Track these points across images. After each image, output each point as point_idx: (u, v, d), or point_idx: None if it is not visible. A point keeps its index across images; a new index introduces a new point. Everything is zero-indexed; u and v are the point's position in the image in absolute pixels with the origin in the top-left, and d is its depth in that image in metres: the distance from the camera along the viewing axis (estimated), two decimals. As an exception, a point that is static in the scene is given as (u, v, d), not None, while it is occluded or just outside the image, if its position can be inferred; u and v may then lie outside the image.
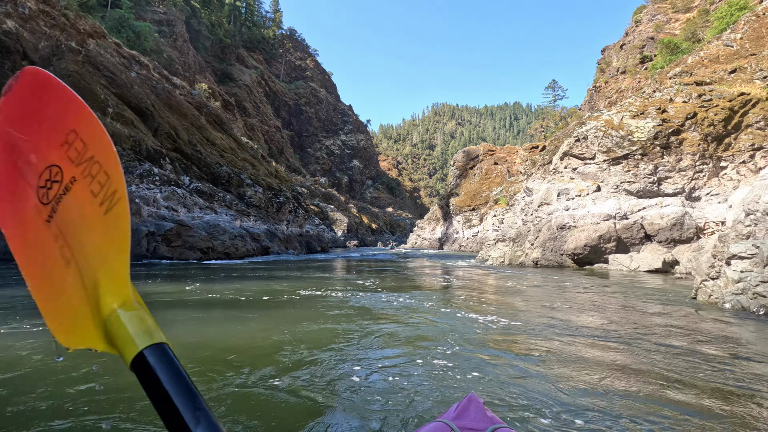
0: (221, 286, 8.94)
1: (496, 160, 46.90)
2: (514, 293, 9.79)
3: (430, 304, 7.84)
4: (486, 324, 5.84)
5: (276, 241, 26.51)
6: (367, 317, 6.27)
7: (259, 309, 6.46)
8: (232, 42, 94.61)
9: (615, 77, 62.19)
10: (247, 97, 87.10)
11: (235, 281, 9.93)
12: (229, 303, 6.92)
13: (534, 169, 21.92)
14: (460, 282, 12.41)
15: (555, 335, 5.01)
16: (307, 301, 7.72)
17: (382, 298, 8.50)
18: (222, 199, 23.80)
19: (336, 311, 6.63)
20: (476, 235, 40.16)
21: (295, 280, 11.29)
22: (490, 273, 14.51)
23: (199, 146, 26.14)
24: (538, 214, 17.20)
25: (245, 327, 4.99)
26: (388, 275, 14.51)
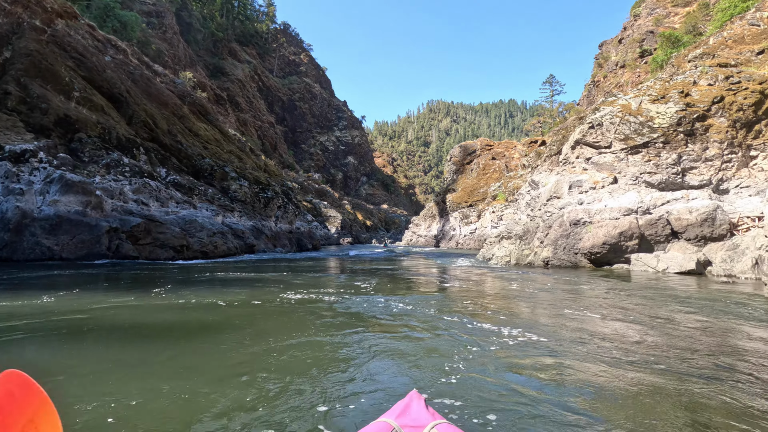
0: (176, 293, 7.08)
1: (494, 155, 45.18)
2: (526, 298, 8.14)
3: (432, 311, 6.62)
4: (500, 339, 4.69)
5: (263, 239, 24.59)
6: (360, 327, 5.23)
7: (219, 326, 4.59)
8: (225, 36, 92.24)
9: (614, 71, 60.68)
10: (239, 92, 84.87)
11: (198, 287, 8.07)
12: (178, 324, 5.05)
13: (539, 160, 20.17)
14: (462, 284, 10.64)
15: (593, 359, 3.79)
16: (288, 308, 6.43)
17: (376, 303, 7.36)
18: (203, 193, 21.84)
19: (324, 319, 5.60)
20: (474, 232, 38.43)
21: (277, 283, 9.46)
22: (496, 274, 12.73)
23: (179, 137, 24.13)
24: (548, 208, 15.41)
25: (194, 359, 3.12)
26: (383, 275, 12.74)
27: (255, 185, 26.95)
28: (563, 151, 16.79)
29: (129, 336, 4.42)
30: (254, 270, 12.70)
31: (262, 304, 6.66)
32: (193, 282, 9.11)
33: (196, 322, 5.19)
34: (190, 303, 6.33)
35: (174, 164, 22.03)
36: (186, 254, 16.03)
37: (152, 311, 5.81)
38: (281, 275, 12.02)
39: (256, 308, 6.30)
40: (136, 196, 15.83)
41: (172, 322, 5.21)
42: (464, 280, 11.72)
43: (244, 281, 9.88)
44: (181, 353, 3.78)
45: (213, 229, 18.03)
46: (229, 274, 11.39)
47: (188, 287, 8.19)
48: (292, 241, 29.99)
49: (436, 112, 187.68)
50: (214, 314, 5.66)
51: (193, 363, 3.46)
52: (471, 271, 13.75)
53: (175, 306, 6.15)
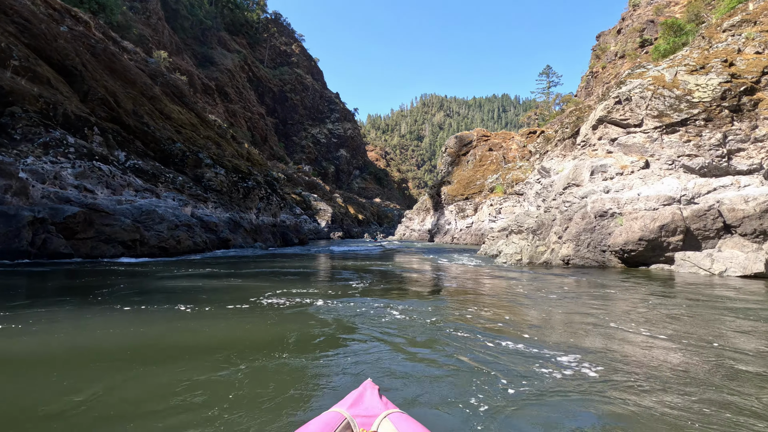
0: (90, 309, 4.49)
1: (491, 146, 42.71)
2: (552, 307, 6.23)
3: (436, 324, 4.95)
4: (534, 368, 3.05)
5: (240, 233, 21.90)
6: (345, 346, 3.71)
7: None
8: (213, 24, 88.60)
9: (613, 62, 58.40)
10: (228, 82, 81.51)
11: (133, 296, 5.45)
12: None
13: (549, 145, 17.72)
14: (469, 287, 8.29)
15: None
16: (255, 318, 4.94)
17: (367, 311, 5.66)
18: (171, 180, 19.08)
19: (298, 334, 4.16)
20: (470, 227, 35.99)
21: (244, 285, 7.23)
22: (508, 276, 10.26)
23: (146, 118, 21.28)
24: (566, 198, 12.93)
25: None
26: (375, 274, 10.81)
27: (234, 174, 24.20)
28: (582, 132, 14.31)
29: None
30: (220, 268, 10.11)
31: (214, 314, 4.89)
32: (129, 288, 6.51)
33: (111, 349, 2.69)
34: (95, 325, 3.72)
35: (137, 148, 19.22)
36: (139, 250, 13.34)
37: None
38: (253, 274, 9.48)
39: (207, 319, 4.70)
40: (78, 182, 13.10)
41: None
42: (470, 282, 9.24)
43: (199, 283, 7.30)
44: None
45: (176, 221, 15.33)
46: (188, 271, 8.77)
47: (117, 297, 5.60)
48: (276, 235, 27.33)
49: (430, 106, 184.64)
50: (154, 326, 3.10)
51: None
52: (477, 272, 11.26)
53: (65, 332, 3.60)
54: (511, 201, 33.39)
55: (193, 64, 75.81)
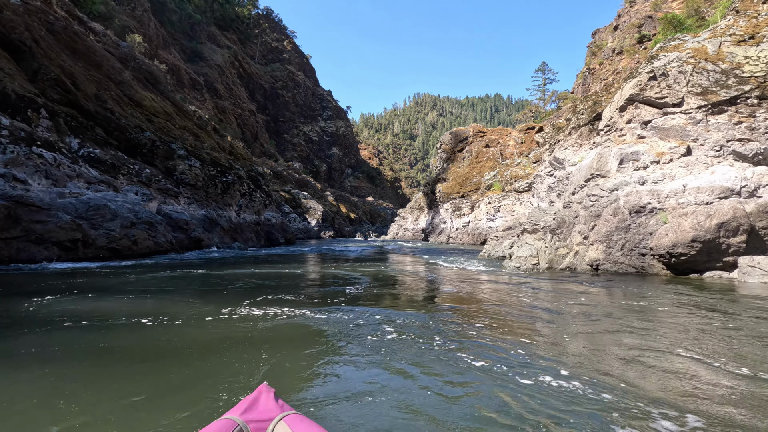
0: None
1: (488, 143, 40.66)
2: (593, 326, 4.88)
3: (454, 349, 3.65)
4: (618, 418, 2.25)
5: (217, 231, 19.52)
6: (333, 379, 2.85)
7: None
8: (203, 19, 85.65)
9: (610, 58, 56.80)
10: (218, 78, 78.70)
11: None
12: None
13: (561, 134, 15.59)
14: (483, 299, 6.11)
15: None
16: (212, 337, 3.93)
17: (357, 330, 4.27)
18: (135, 172, 16.65)
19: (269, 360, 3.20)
20: (467, 226, 33.86)
21: (205, 294, 4.86)
22: (524, 285, 8.10)
23: (111, 103, 18.80)
24: (591, 191, 10.78)
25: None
26: (367, 279, 9.10)
27: (212, 167, 21.78)
28: (605, 116, 12.18)
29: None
30: (178, 275, 7.80)
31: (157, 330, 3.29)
32: (44, 311, 4.21)
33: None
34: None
35: (97, 136, 16.76)
36: (82, 253, 10.96)
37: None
38: (216, 281, 7.25)
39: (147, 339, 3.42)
40: (5, 170, 10.70)
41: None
42: (484, 293, 7.05)
43: (124, 305, 5.00)
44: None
45: (133, 219, 12.93)
46: (128, 278, 6.45)
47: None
48: (260, 234, 24.96)
49: (423, 105, 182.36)
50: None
51: None
52: (487, 280, 9.06)
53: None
54: (510, 199, 31.33)
55: (180, 59, 72.93)
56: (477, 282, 8.94)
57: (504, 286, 8.49)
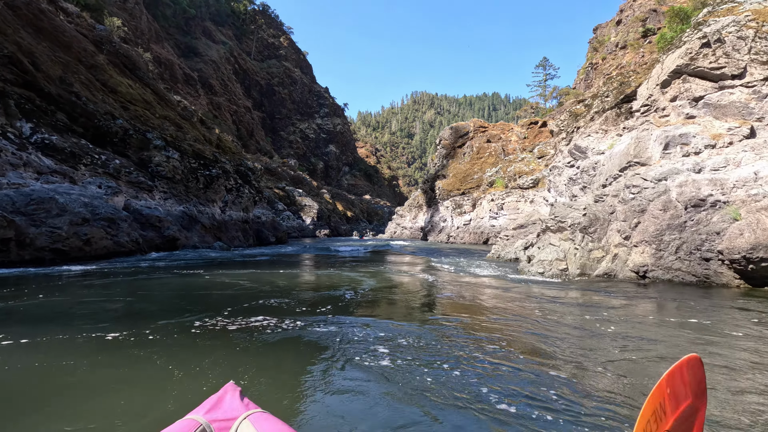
0: None
1: (489, 138, 38.74)
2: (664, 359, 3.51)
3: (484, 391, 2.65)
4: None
5: (197, 230, 17.49)
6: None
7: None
8: (198, 13, 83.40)
9: (613, 53, 54.94)
10: (213, 73, 76.49)
11: None
12: None
13: (581, 121, 13.63)
14: (501, 310, 4.14)
15: None
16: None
17: (350, 371, 3.12)
18: (101, 163, 14.62)
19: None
20: (469, 224, 31.93)
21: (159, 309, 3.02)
22: (554, 298, 6.20)
23: (78, 87, 16.74)
24: (630, 181, 8.82)
25: None
26: (362, 285, 7.77)
27: (193, 159, 19.73)
28: (642, 95, 10.26)
29: None
30: (129, 282, 5.84)
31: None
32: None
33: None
34: None
35: (57, 121, 14.71)
36: (16, 255, 8.94)
37: None
38: (165, 291, 5.28)
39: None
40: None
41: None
42: (499, 307, 5.12)
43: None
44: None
45: (86, 214, 10.90)
46: (53, 293, 4.46)
47: None
48: (248, 232, 22.95)
49: (420, 103, 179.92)
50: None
51: None
52: (503, 290, 7.11)
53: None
54: (514, 196, 29.43)
55: (174, 53, 70.74)
56: (492, 291, 7.01)
57: (526, 297, 6.56)
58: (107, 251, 11.22)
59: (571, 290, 7.29)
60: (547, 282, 8.35)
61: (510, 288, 7.53)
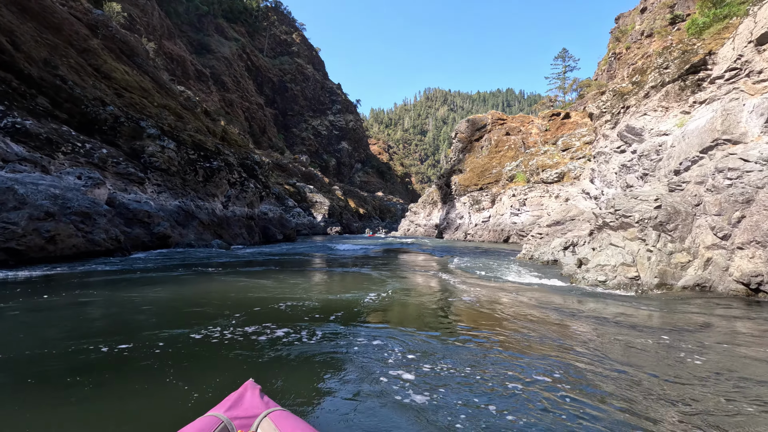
0: None
1: (508, 131, 36.41)
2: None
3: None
4: None
5: (193, 226, 15.79)
6: None
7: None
8: (210, 10, 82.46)
9: (638, 41, 52.00)
10: (225, 70, 75.39)
11: None
12: None
13: (631, 99, 11.43)
14: (552, 335, 3.18)
15: None
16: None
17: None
18: (84, 152, 12.98)
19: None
20: (488, 221, 29.75)
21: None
22: (617, 315, 4.17)
23: (64, 70, 15.15)
24: (724, 164, 6.70)
25: None
26: (367, 303, 5.43)
27: (192, 150, 18.04)
28: (724, 57, 8.11)
29: None
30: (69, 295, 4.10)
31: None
32: None
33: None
34: None
35: (38, 106, 13.11)
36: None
37: None
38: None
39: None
40: None
41: None
42: (549, 331, 3.08)
43: None
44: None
45: (52, 208, 9.20)
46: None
47: None
48: (253, 229, 21.24)
49: (433, 100, 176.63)
50: None
51: None
52: (549, 304, 5.11)
53: None
54: (537, 190, 27.17)
55: (186, 50, 69.78)
56: (540, 306, 5.03)
57: (589, 316, 4.57)
58: (77, 251, 9.51)
59: (651, 308, 5.26)
60: (613, 295, 6.32)
61: (564, 303, 5.53)
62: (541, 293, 6.46)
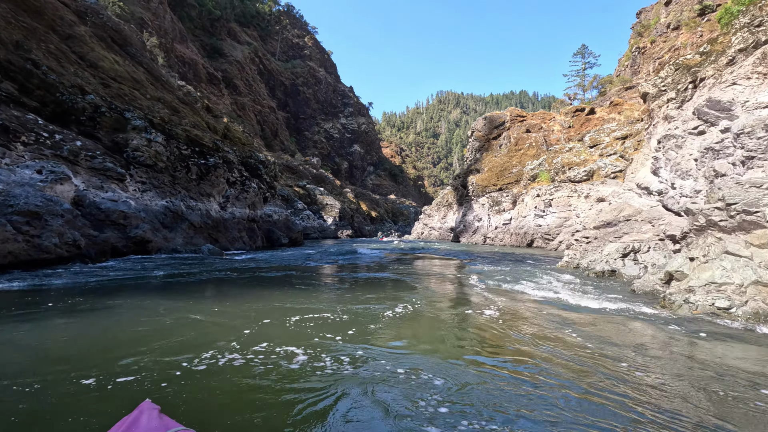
0: None
1: (528, 128, 33.85)
2: None
3: None
4: None
5: (182, 229, 13.76)
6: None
7: None
8: (223, 15, 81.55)
9: (664, 35, 48.90)
10: (238, 74, 74.25)
11: None
12: None
13: (706, 70, 9.00)
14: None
15: None
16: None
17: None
18: (51, 143, 11.08)
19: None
20: (509, 223, 27.24)
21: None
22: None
23: (38, 55, 13.34)
24: None
25: None
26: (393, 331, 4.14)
27: (185, 145, 16.08)
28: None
29: None
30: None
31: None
32: None
33: None
34: None
35: (1, 91, 11.27)
36: None
37: None
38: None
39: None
40: None
41: None
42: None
43: None
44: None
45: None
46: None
47: None
48: (255, 232, 19.21)
49: (446, 103, 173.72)
50: None
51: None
52: (649, 346, 2.77)
53: None
54: (564, 190, 24.59)
55: (198, 53, 68.74)
56: (624, 354, 2.76)
57: (735, 382, 2.25)
58: (15, 259, 7.50)
59: None
60: (754, 333, 3.97)
61: (679, 350, 3.21)
62: (619, 325, 4.16)
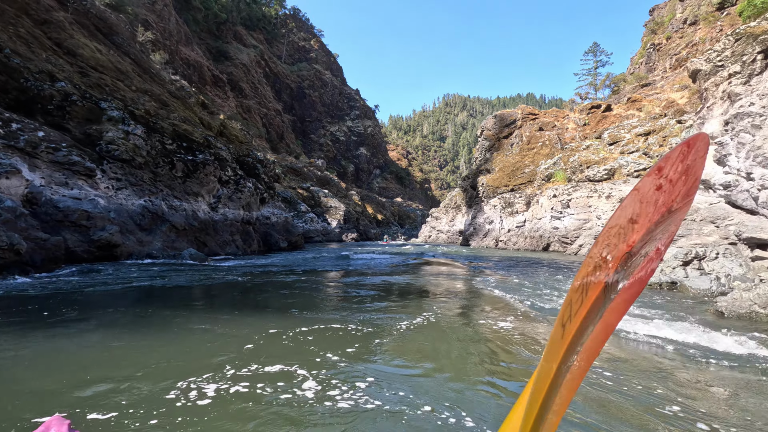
0: None
1: (541, 126, 31.92)
2: None
3: None
4: None
5: (161, 232, 12.11)
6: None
7: None
8: (229, 18, 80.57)
9: (680, 30, 46.72)
10: (243, 77, 73.13)
11: None
12: None
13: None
14: None
15: None
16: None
17: None
18: (5, 133, 9.53)
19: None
20: (523, 226, 25.32)
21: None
22: None
23: (1, 37, 11.85)
24: None
25: None
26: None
27: (170, 140, 14.48)
28: None
29: None
30: None
31: None
32: None
33: None
34: None
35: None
36: None
37: None
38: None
39: None
40: None
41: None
42: None
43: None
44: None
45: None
46: None
47: None
48: (250, 236, 17.54)
49: (452, 106, 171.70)
50: None
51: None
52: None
53: None
54: (583, 190, 22.63)
55: (203, 56, 67.65)
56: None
57: None
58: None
59: None
60: None
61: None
62: (714, 377, 2.36)
